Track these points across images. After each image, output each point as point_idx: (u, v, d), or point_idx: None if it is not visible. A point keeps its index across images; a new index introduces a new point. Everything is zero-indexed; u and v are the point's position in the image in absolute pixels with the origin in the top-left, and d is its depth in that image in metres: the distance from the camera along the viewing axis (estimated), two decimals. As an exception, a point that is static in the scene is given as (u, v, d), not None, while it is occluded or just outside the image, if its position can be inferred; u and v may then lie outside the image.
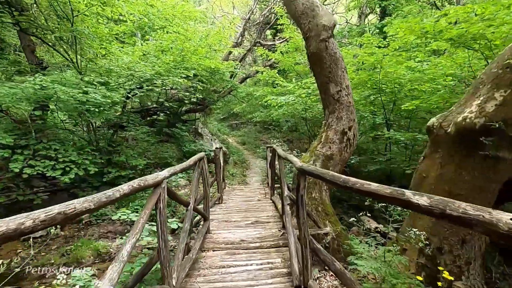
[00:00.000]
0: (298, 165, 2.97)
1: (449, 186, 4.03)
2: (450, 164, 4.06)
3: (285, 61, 13.42)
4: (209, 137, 10.65)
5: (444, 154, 4.11)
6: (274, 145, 6.16)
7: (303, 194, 2.91)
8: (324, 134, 5.83)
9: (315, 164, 5.54)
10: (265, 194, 7.02)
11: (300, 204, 2.90)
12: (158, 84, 8.29)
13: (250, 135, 18.32)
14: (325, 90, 5.94)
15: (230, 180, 10.05)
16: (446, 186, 4.04)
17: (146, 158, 9.80)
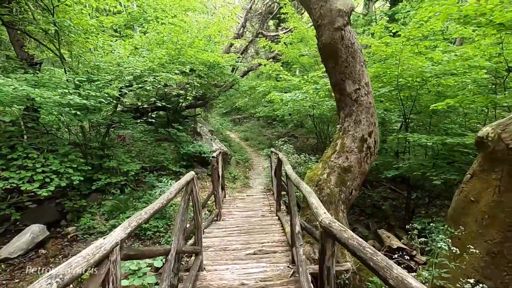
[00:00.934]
0: (323, 221, 1.91)
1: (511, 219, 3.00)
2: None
3: (289, 53, 12.27)
4: (209, 136, 9.64)
5: (504, 176, 3.07)
6: (280, 153, 5.14)
7: (330, 266, 1.89)
8: (339, 142, 4.79)
9: (330, 178, 4.53)
10: (269, 206, 6.05)
11: (326, 282, 1.88)
12: (150, 81, 7.25)
13: (253, 130, 17.30)
14: (340, 88, 4.88)
15: (231, 183, 9.09)
16: (508, 219, 3.01)
17: (141, 160, 8.85)
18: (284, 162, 4.19)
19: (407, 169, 6.25)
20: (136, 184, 8.38)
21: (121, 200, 7.26)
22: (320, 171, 4.71)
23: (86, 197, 7.57)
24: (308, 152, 11.72)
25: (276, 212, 5.42)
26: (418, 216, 6.94)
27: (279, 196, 5.37)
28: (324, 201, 4.37)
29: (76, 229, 6.85)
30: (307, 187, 2.41)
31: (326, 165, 4.70)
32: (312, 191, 2.29)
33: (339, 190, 4.47)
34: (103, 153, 7.88)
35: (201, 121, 15.68)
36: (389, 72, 6.88)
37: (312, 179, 4.68)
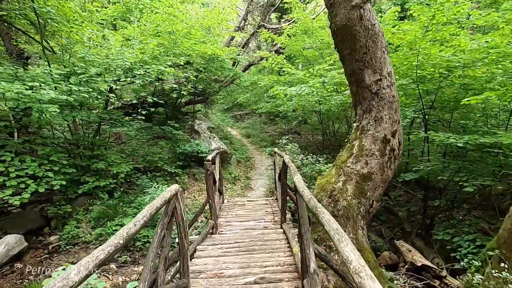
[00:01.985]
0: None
1: None
2: None
3: (292, 45, 11.33)
4: (207, 134, 8.79)
5: None
6: (286, 156, 4.27)
7: None
8: (357, 143, 3.92)
9: (346, 187, 3.66)
10: (273, 214, 5.20)
11: None
12: (140, 74, 6.38)
13: (255, 127, 16.41)
14: (358, 79, 3.99)
15: (231, 185, 8.25)
16: None
17: (134, 161, 8.02)
18: (292, 170, 3.32)
19: (429, 172, 5.36)
20: (128, 186, 7.56)
21: (110, 205, 6.45)
22: (334, 178, 3.85)
23: (73, 201, 6.77)
24: (314, 150, 10.84)
25: (281, 223, 4.57)
26: (439, 224, 6.07)
27: (284, 205, 4.52)
28: (340, 216, 3.52)
29: (59, 238, 6.06)
30: (334, 224, 1.54)
31: (341, 171, 3.83)
32: (343, 234, 1.42)
33: (358, 202, 3.61)
34: (92, 153, 7.05)
35: (201, 118, 14.82)
36: (406, 63, 5.97)
37: (324, 188, 3.82)
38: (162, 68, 6.41)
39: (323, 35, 10.56)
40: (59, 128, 7.63)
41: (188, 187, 7.57)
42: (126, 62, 6.46)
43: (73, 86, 5.73)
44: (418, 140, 6.71)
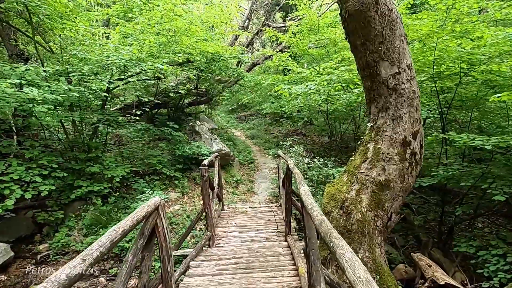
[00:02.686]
0: None
1: None
2: None
3: (297, 44, 10.79)
4: (208, 136, 8.28)
5: None
6: (290, 160, 3.73)
7: None
8: (371, 146, 3.36)
9: (360, 197, 3.12)
10: (276, 224, 4.65)
11: None
12: (134, 72, 5.91)
13: (259, 128, 15.87)
14: (373, 73, 3.44)
15: (233, 189, 7.73)
16: None
17: (132, 164, 7.55)
18: (297, 178, 2.77)
19: (449, 177, 4.76)
20: (126, 190, 7.10)
21: (103, 211, 5.98)
22: (345, 186, 3.30)
23: (67, 206, 6.33)
24: (319, 152, 10.27)
25: (285, 235, 4.02)
26: (459, 233, 5.46)
27: (288, 215, 3.97)
28: (354, 231, 2.97)
29: (48, 246, 5.61)
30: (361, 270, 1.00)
31: (354, 178, 3.28)
32: (367, 274, 0.89)
33: (374, 214, 3.05)
34: (87, 156, 6.61)
35: (205, 119, 14.35)
36: (421, 57, 5.39)
37: (334, 197, 3.28)
38: (159, 65, 5.93)
39: (329, 33, 10.01)
40: (57, 130, 7.20)
41: (188, 192, 7.08)
42: (121, 60, 6.00)
43: (63, 85, 5.29)
44: (432, 142, 6.11)
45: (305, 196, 2.15)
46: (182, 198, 6.94)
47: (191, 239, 5.37)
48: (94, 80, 5.72)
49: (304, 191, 2.23)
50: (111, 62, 5.99)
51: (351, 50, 3.70)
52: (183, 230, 5.46)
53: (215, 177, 5.23)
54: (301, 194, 2.19)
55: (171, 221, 5.92)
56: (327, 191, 3.45)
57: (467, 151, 5.46)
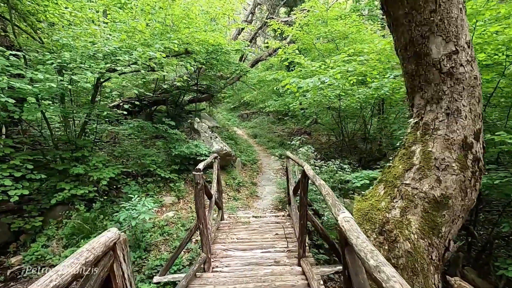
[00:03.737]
0: None
1: None
2: None
3: (304, 38, 9.87)
4: (208, 134, 7.40)
5: None
6: (306, 166, 2.83)
7: None
8: (418, 149, 2.47)
9: (407, 217, 2.23)
10: (286, 240, 3.77)
11: None
12: (123, 60, 5.02)
13: (262, 126, 14.97)
14: (419, 52, 2.55)
15: (235, 193, 6.84)
16: None
17: (124, 164, 6.68)
18: (329, 198, 1.85)
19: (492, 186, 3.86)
20: (117, 193, 6.24)
21: (87, 218, 5.12)
22: (383, 201, 2.41)
23: (49, 211, 5.47)
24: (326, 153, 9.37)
25: (298, 258, 3.14)
26: (498, 250, 4.56)
27: (303, 234, 3.08)
28: (402, 267, 2.09)
29: (22, 259, 4.75)
30: None
31: (396, 191, 2.39)
32: None
33: (428, 243, 2.17)
34: (71, 155, 5.75)
35: (205, 117, 13.47)
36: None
37: (369, 217, 2.39)
38: (151, 53, 5.04)
39: (338, 25, 9.11)
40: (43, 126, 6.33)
41: (184, 196, 6.21)
42: (110, 47, 5.13)
43: (38, 74, 4.41)
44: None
45: (352, 231, 1.25)
46: (178, 203, 6.06)
47: (185, 253, 4.50)
48: (77, 68, 4.83)
49: (348, 222, 1.34)
50: (97, 49, 5.12)
51: (389, 24, 2.79)
52: (176, 243, 4.60)
53: (214, 182, 4.35)
54: (345, 229, 1.30)
55: (163, 231, 5.04)
56: (358, 207, 2.56)
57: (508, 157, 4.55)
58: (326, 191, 1.93)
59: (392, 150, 7.42)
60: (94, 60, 5.29)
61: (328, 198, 1.77)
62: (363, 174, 4.57)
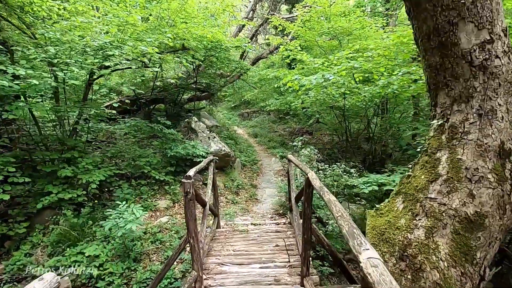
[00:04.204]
0: None
1: None
2: None
3: (306, 34, 9.44)
4: (206, 134, 7.01)
5: None
6: (310, 174, 2.43)
7: None
8: (445, 156, 2.06)
9: (434, 239, 1.82)
10: (287, 253, 3.38)
11: None
12: (114, 56, 4.63)
13: (263, 125, 14.57)
14: (446, 42, 2.14)
15: (233, 195, 6.45)
16: None
17: (118, 165, 6.30)
18: (343, 223, 1.46)
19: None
20: (109, 196, 5.86)
21: (75, 224, 4.74)
22: (403, 218, 2.01)
23: (36, 216, 5.10)
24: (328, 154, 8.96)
25: (301, 277, 2.74)
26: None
27: (306, 249, 2.68)
28: None
29: (3, 269, 4.39)
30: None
31: (419, 207, 1.99)
32: None
33: (461, 272, 1.78)
34: (60, 156, 5.38)
35: (205, 115, 13.08)
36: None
37: (387, 237, 1.99)
38: (143, 47, 4.64)
39: (342, 21, 8.69)
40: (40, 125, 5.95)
41: (180, 199, 5.83)
42: (97, 41, 4.73)
43: (20, 70, 4.03)
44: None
45: (377, 272, 0.86)
46: (173, 207, 5.68)
47: (178, 264, 4.12)
48: (63, 64, 4.43)
49: (375, 268, 0.94)
50: (86, 43, 4.73)
51: (408, 10, 2.38)
52: (169, 252, 4.21)
53: (208, 188, 3.96)
54: (373, 280, 0.91)
55: (156, 238, 4.66)
56: (371, 223, 2.16)
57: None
58: (338, 211, 1.53)
59: (399, 152, 7.01)
60: (82, 55, 4.90)
61: (342, 222, 1.37)
62: (371, 179, 4.17)
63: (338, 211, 1.53)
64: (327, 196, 1.83)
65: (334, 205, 1.64)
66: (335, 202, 1.69)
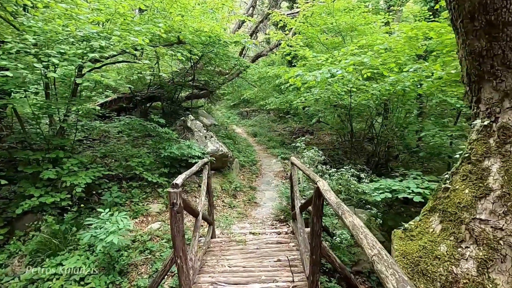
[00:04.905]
0: None
1: None
2: None
3: (308, 31, 8.97)
4: (202, 133, 6.54)
5: None
6: (322, 183, 1.95)
7: None
8: (496, 165, 1.60)
9: (490, 276, 1.33)
10: (290, 269, 2.91)
11: None
12: (102, 47, 4.15)
13: (262, 124, 14.10)
14: (496, 22, 1.66)
15: (230, 199, 5.98)
16: None
17: (108, 166, 5.82)
18: (366, 243, 1.04)
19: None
20: (98, 199, 5.38)
21: (57, 231, 4.27)
22: (445, 245, 1.55)
23: (17, 221, 4.63)
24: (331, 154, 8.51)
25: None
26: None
27: (314, 273, 2.22)
28: None
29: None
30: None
31: (465, 230, 1.53)
32: None
33: (529, 323, 1.28)
34: (44, 156, 4.90)
35: (204, 114, 12.62)
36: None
37: (423, 269, 1.53)
38: (132, 38, 4.16)
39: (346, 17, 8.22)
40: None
41: (174, 203, 5.33)
42: (84, 31, 4.25)
43: None
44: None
45: None
46: (166, 211, 5.22)
47: (168, 278, 3.65)
48: (41, 54, 3.94)
49: None
50: (69, 33, 4.25)
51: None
52: (157, 265, 3.75)
53: (202, 193, 3.49)
54: None
55: (145, 247, 4.20)
56: (401, 248, 1.70)
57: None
58: (372, 245, 1.07)
59: (407, 154, 6.55)
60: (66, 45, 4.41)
61: (384, 268, 0.91)
62: (383, 184, 3.71)
63: (372, 246, 1.07)
64: (350, 219, 1.36)
65: (363, 235, 1.17)
66: (364, 229, 1.23)
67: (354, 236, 1.24)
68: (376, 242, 1.08)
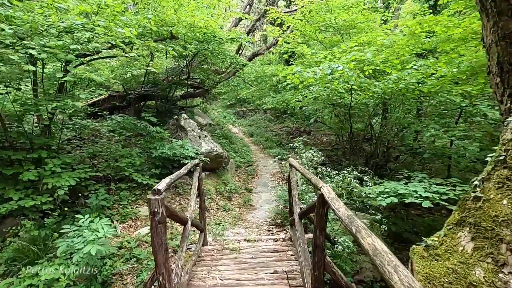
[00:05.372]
0: None
1: None
2: None
3: (306, 28, 8.67)
4: (196, 133, 6.20)
5: None
6: (326, 190, 1.64)
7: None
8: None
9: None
10: (288, 283, 2.60)
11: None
12: (86, 38, 3.81)
13: (259, 124, 13.79)
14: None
15: (225, 201, 5.66)
16: None
17: (95, 167, 5.47)
18: (391, 277, 0.74)
19: None
20: (84, 202, 5.03)
21: (36, 237, 3.92)
22: (480, 268, 1.24)
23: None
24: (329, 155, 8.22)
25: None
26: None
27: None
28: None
29: None
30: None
31: (506, 250, 1.21)
32: None
33: None
34: (25, 156, 4.53)
35: (199, 113, 12.29)
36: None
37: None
38: (119, 29, 3.82)
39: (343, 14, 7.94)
40: None
41: (165, 206, 5.00)
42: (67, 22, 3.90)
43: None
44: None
45: None
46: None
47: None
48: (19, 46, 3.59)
49: None
50: (50, 23, 3.89)
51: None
52: (144, 276, 3.42)
53: (192, 197, 3.16)
54: None
55: (132, 254, 3.86)
56: (423, 270, 1.40)
57: None
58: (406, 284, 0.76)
59: (408, 155, 6.28)
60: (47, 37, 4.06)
61: None
62: (388, 188, 3.42)
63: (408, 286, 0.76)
64: (369, 240, 1.05)
65: (391, 266, 0.86)
66: (390, 257, 0.92)
67: (377, 266, 0.93)
68: (413, 281, 0.77)
